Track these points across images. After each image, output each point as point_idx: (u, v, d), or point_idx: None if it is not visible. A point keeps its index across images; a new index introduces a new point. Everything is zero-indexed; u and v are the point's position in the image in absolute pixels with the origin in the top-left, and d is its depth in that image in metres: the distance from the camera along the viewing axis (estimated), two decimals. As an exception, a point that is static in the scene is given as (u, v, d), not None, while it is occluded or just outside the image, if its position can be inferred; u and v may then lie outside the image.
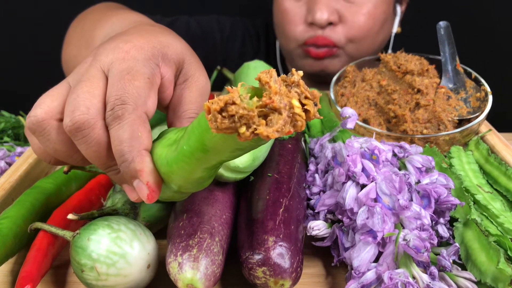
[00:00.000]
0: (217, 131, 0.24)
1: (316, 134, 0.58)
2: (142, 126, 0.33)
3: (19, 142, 0.68)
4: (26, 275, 0.36)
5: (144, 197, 0.33)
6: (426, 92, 0.58)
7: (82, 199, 0.46)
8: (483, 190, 0.47)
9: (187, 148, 0.29)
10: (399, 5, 0.89)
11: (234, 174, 0.41)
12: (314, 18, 0.77)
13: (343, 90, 0.65)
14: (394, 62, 0.61)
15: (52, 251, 0.40)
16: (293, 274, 0.36)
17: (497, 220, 0.43)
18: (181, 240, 0.37)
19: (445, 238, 0.40)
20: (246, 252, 0.37)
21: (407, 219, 0.37)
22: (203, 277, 0.35)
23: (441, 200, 0.40)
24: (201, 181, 0.33)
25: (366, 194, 0.38)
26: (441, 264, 0.36)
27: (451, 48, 0.63)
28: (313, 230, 0.41)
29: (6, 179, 0.53)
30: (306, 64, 0.84)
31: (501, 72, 1.21)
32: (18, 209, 0.43)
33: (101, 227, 0.38)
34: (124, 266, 0.36)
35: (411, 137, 0.55)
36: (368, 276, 0.35)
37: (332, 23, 0.79)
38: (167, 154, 0.31)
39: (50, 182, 0.48)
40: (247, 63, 0.56)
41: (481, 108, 0.58)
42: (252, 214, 0.40)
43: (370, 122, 0.60)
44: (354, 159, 0.41)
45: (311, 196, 0.45)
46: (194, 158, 0.29)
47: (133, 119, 0.33)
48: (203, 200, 0.41)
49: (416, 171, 0.42)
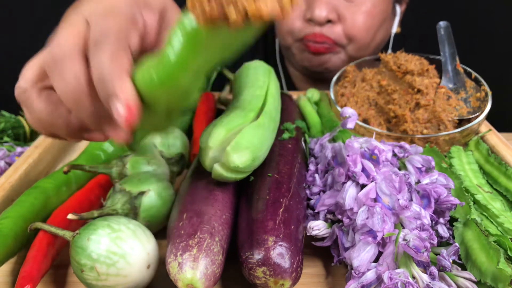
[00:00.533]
0: (205, 22, 0.23)
1: (316, 134, 0.58)
2: (124, 55, 0.32)
3: (19, 142, 0.68)
4: (26, 275, 0.36)
5: (123, 119, 0.30)
6: (426, 92, 0.58)
7: (82, 199, 0.46)
8: (483, 190, 0.47)
9: (172, 55, 0.27)
10: (398, 5, 0.89)
11: (234, 174, 0.41)
12: (313, 15, 0.77)
13: (343, 90, 0.65)
14: (394, 62, 0.61)
15: (52, 251, 0.40)
16: (293, 274, 0.36)
17: (497, 220, 0.43)
18: (181, 240, 0.37)
19: (445, 238, 0.40)
20: (246, 252, 0.37)
21: (407, 219, 0.37)
22: (203, 277, 0.35)
23: (441, 200, 0.40)
24: (188, 91, 0.31)
25: (366, 194, 0.38)
26: (441, 264, 0.36)
27: (451, 48, 0.63)
28: (313, 230, 0.41)
29: (6, 179, 0.53)
30: (305, 58, 0.85)
31: (501, 72, 1.21)
32: (18, 209, 0.43)
33: (101, 227, 0.38)
34: (124, 266, 0.36)
35: (411, 137, 0.55)
36: (368, 276, 0.35)
37: (331, 21, 0.79)
38: (150, 71, 0.30)
39: (50, 182, 0.48)
40: (247, 63, 0.56)
41: (481, 108, 0.58)
42: (252, 214, 0.40)
43: (370, 122, 0.60)
44: (354, 159, 0.41)
45: (311, 196, 0.45)
46: (179, 63, 0.28)
47: (115, 46, 0.31)
48: (203, 200, 0.41)
49: (416, 171, 0.42)
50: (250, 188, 0.44)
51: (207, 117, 0.64)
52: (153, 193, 0.44)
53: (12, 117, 0.71)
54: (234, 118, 0.42)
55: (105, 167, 0.48)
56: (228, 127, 0.41)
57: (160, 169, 0.50)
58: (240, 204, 0.44)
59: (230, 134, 0.41)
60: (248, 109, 0.45)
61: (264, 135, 0.43)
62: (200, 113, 0.64)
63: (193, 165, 0.48)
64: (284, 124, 0.53)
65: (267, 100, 0.48)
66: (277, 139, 0.50)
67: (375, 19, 0.81)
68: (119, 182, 0.45)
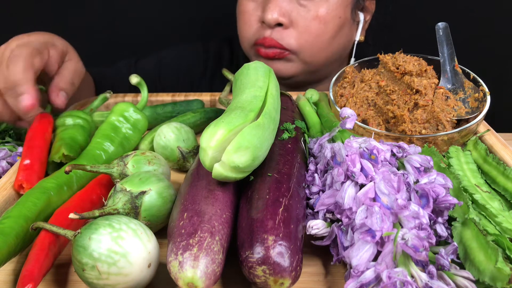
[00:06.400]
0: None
1: (315, 134, 0.58)
2: (31, 69, 0.59)
3: (21, 142, 0.69)
4: (27, 274, 0.36)
5: (27, 107, 0.58)
6: (425, 93, 0.58)
7: (83, 199, 0.47)
8: (481, 190, 0.47)
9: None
10: (362, 12, 0.87)
11: (234, 173, 0.42)
12: (264, 17, 0.78)
13: (343, 90, 0.65)
14: (393, 63, 0.61)
15: (54, 250, 0.41)
16: (292, 273, 0.36)
17: (495, 219, 0.43)
18: (182, 239, 0.37)
19: (443, 237, 0.41)
20: (246, 251, 0.37)
21: (405, 219, 0.37)
22: (204, 276, 0.35)
23: (440, 199, 0.40)
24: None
25: (365, 193, 0.39)
26: (440, 263, 0.36)
27: (450, 48, 0.64)
28: (312, 229, 0.41)
29: (8, 178, 0.53)
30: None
31: (499, 72, 1.21)
32: (20, 209, 0.43)
33: (102, 226, 0.38)
34: (125, 265, 0.37)
35: (409, 137, 0.55)
36: (367, 275, 0.35)
37: (282, 24, 0.79)
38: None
39: (51, 181, 0.49)
40: (247, 64, 0.56)
41: (479, 108, 0.58)
42: (252, 214, 0.40)
43: (369, 122, 0.60)
44: (353, 159, 0.41)
45: (311, 196, 0.46)
46: None
47: (25, 63, 0.58)
48: (203, 199, 0.41)
49: (415, 171, 0.42)
50: (250, 187, 0.44)
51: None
52: (153, 193, 0.44)
53: (13, 117, 0.72)
54: (234, 118, 0.43)
55: (106, 167, 0.49)
56: (229, 127, 0.41)
57: (160, 168, 0.50)
58: (240, 203, 0.44)
59: (230, 134, 0.41)
60: (248, 110, 0.45)
61: (264, 135, 0.43)
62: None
63: (193, 165, 0.49)
64: (283, 124, 0.53)
65: (267, 101, 0.49)
66: (277, 139, 0.50)
67: (328, 25, 0.80)
68: (120, 182, 0.45)
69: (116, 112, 0.59)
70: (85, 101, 0.75)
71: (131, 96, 0.77)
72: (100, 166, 0.49)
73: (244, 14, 0.84)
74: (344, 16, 0.82)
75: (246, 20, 0.84)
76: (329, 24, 0.80)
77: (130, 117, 0.60)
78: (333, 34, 0.82)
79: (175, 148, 0.57)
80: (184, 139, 0.58)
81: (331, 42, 0.83)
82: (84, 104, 0.74)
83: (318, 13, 0.79)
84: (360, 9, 0.87)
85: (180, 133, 0.58)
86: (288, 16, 0.79)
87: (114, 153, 0.56)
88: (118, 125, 0.59)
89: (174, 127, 0.58)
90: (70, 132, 0.58)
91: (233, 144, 0.41)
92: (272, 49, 0.82)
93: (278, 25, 0.80)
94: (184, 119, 0.67)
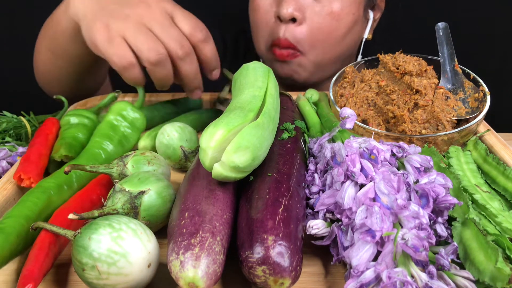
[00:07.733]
0: None
1: (315, 134, 0.58)
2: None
3: (21, 142, 0.69)
4: (28, 274, 0.36)
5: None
6: (425, 93, 0.58)
7: (83, 199, 0.47)
8: (481, 190, 0.47)
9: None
10: (372, 10, 0.87)
11: (234, 173, 0.42)
12: (280, 11, 0.78)
13: (343, 90, 0.66)
14: (393, 63, 0.61)
15: (54, 250, 0.41)
16: (292, 273, 0.36)
17: (495, 219, 0.43)
18: (183, 239, 0.37)
19: (443, 237, 0.41)
20: (246, 251, 0.37)
21: (405, 218, 0.37)
22: (205, 276, 0.35)
23: (440, 199, 0.40)
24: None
25: (364, 193, 0.39)
26: (440, 263, 0.36)
27: (450, 48, 0.64)
28: (312, 229, 0.41)
29: (8, 178, 0.53)
30: (276, 67, 0.86)
31: (499, 72, 1.21)
32: (21, 209, 0.44)
33: (102, 226, 0.38)
34: (125, 265, 0.37)
35: (409, 137, 0.55)
36: (367, 275, 0.35)
37: (296, 19, 0.79)
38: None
39: (51, 181, 0.49)
40: (246, 64, 0.56)
41: (479, 109, 0.58)
42: (252, 213, 0.40)
43: (369, 122, 0.60)
44: (353, 159, 0.41)
45: (311, 196, 0.46)
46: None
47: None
48: (204, 199, 0.41)
49: (415, 171, 0.42)
50: (249, 187, 0.44)
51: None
52: (153, 193, 0.44)
53: (14, 117, 0.72)
54: (233, 118, 0.43)
55: (105, 167, 0.49)
56: (228, 127, 0.41)
57: (160, 169, 0.50)
58: (240, 203, 0.44)
59: (230, 134, 0.41)
60: (247, 110, 0.45)
61: (263, 134, 0.43)
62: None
63: (193, 164, 0.49)
64: (283, 124, 0.53)
65: (266, 100, 0.49)
66: (277, 139, 0.50)
67: (341, 22, 0.80)
68: (119, 182, 0.45)
69: (114, 111, 0.60)
70: (86, 101, 0.75)
71: (131, 96, 0.77)
72: (99, 166, 0.49)
73: (258, 11, 0.84)
74: (357, 13, 0.82)
75: (261, 17, 0.83)
76: (342, 20, 0.80)
77: (128, 115, 0.60)
78: (346, 31, 0.82)
79: (177, 147, 0.57)
80: (187, 139, 0.58)
81: (343, 39, 0.83)
82: (85, 104, 0.74)
83: (333, 9, 0.79)
84: (371, 7, 0.87)
85: (183, 133, 0.58)
86: (303, 11, 0.79)
87: (113, 151, 0.57)
88: (116, 124, 0.59)
89: (178, 126, 0.59)
90: (72, 131, 0.59)
91: (233, 144, 0.41)
92: (286, 49, 0.82)
93: (292, 21, 0.80)
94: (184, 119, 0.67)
